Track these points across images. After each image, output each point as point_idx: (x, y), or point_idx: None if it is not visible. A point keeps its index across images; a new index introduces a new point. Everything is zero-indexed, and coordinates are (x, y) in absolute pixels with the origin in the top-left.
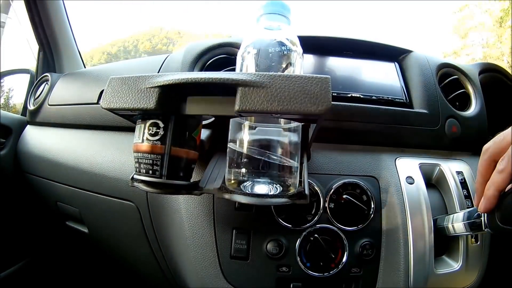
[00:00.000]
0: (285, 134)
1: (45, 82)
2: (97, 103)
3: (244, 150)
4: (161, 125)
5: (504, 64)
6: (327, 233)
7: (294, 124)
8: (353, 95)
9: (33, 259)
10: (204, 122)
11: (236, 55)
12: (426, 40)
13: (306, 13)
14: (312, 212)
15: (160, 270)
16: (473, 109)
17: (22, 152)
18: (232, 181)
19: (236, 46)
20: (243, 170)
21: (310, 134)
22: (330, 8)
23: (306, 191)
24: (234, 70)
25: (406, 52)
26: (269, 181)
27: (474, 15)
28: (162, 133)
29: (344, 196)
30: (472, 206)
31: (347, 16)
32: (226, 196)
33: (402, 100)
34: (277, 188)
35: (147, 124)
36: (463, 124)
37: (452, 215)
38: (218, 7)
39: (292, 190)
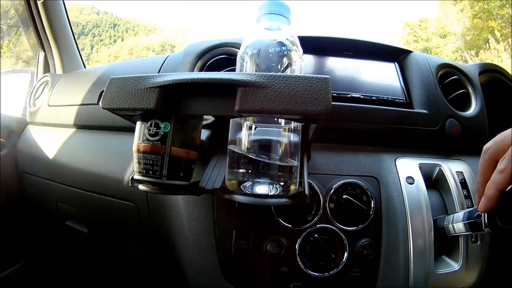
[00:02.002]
0: (285, 134)
1: (45, 82)
2: (97, 103)
3: (244, 150)
4: (161, 125)
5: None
6: (327, 233)
7: (294, 124)
8: (353, 95)
9: (33, 259)
10: (204, 122)
11: (236, 55)
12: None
13: (306, 13)
14: (312, 212)
15: (160, 270)
16: (473, 109)
17: (22, 152)
18: (232, 181)
19: (236, 46)
20: (243, 170)
21: (310, 134)
22: (330, 8)
23: (306, 191)
24: (234, 70)
25: (406, 52)
26: (269, 181)
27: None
28: (162, 133)
29: (344, 196)
30: (472, 206)
31: (347, 16)
32: (226, 196)
33: (402, 100)
34: (277, 188)
35: (147, 124)
36: (463, 124)
37: (452, 215)
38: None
39: (292, 190)
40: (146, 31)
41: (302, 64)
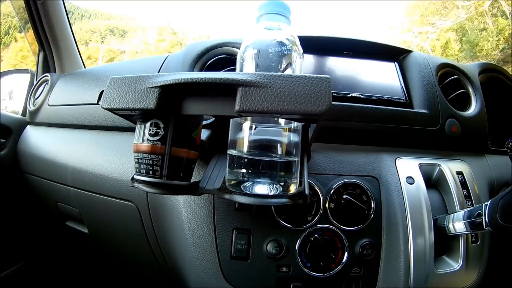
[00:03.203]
0: (285, 134)
1: (45, 83)
2: (97, 103)
3: (244, 151)
4: (161, 125)
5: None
6: (327, 233)
7: (294, 124)
8: (353, 95)
9: (33, 259)
10: (204, 122)
11: (236, 55)
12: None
13: (306, 13)
14: (312, 212)
15: (160, 270)
16: (473, 109)
17: (22, 152)
18: (232, 182)
19: (236, 46)
20: (243, 170)
21: (310, 134)
22: (330, 8)
23: (306, 191)
24: (234, 70)
25: (406, 52)
26: (269, 181)
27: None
28: (162, 133)
29: (344, 196)
30: (472, 205)
31: (347, 16)
32: (226, 196)
33: (402, 100)
34: (277, 188)
35: (147, 124)
36: (463, 124)
37: (452, 215)
38: None
39: (292, 190)
40: (103, 19)
41: (302, 63)
